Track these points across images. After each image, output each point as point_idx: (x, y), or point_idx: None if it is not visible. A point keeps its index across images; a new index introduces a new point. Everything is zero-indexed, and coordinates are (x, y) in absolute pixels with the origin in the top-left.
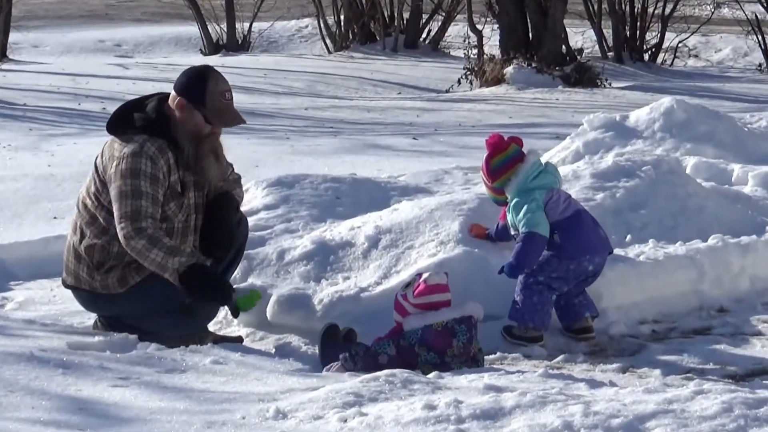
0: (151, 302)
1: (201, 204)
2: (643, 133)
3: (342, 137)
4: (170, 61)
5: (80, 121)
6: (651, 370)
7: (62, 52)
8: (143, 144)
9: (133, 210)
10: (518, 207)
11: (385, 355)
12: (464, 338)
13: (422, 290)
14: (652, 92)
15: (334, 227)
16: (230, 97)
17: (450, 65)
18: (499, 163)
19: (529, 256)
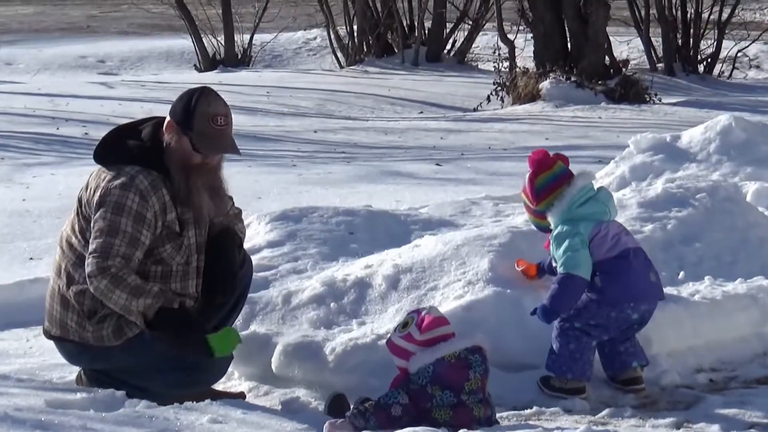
0: (150, 357)
1: (203, 243)
2: (697, 156)
3: (356, 164)
4: (160, 79)
5: (59, 148)
6: (709, 425)
7: (38, 70)
8: (134, 176)
9: (102, 247)
10: (560, 240)
11: (397, 405)
12: (480, 369)
13: (430, 323)
14: (707, 108)
15: (347, 266)
16: (224, 123)
17: (478, 80)
18: (544, 182)
19: (564, 301)
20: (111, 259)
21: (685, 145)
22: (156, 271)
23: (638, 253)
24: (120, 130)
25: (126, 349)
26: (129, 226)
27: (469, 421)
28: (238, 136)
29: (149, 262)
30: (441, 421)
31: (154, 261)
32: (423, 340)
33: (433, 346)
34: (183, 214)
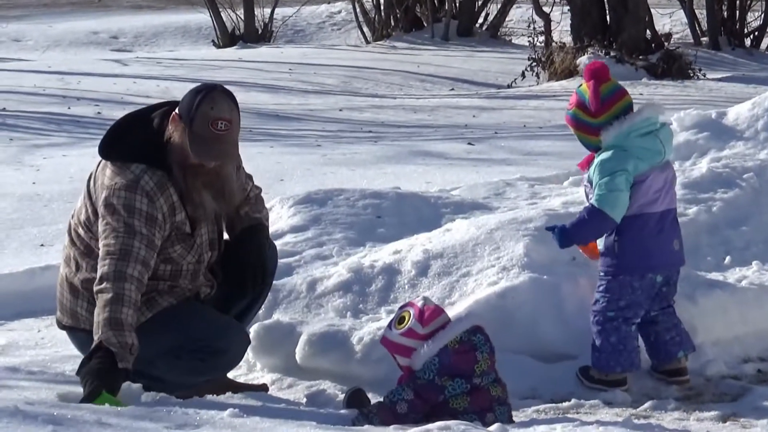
0: (164, 343)
1: (216, 239)
2: (744, 134)
3: (383, 143)
4: (177, 56)
5: (70, 128)
6: (757, 419)
7: (48, 47)
8: (140, 177)
9: (122, 249)
10: (605, 169)
11: (403, 402)
12: (486, 348)
13: (431, 314)
14: (754, 84)
15: (374, 252)
16: (224, 128)
17: (512, 55)
18: (610, 91)
19: (587, 234)
20: (131, 264)
21: (732, 122)
22: (165, 269)
23: (667, 216)
24: (128, 120)
25: (138, 337)
26: (144, 227)
27: (489, 402)
28: (260, 115)
29: (158, 260)
30: (461, 410)
31: (163, 260)
32: (427, 333)
33: (433, 337)
34: (192, 212)
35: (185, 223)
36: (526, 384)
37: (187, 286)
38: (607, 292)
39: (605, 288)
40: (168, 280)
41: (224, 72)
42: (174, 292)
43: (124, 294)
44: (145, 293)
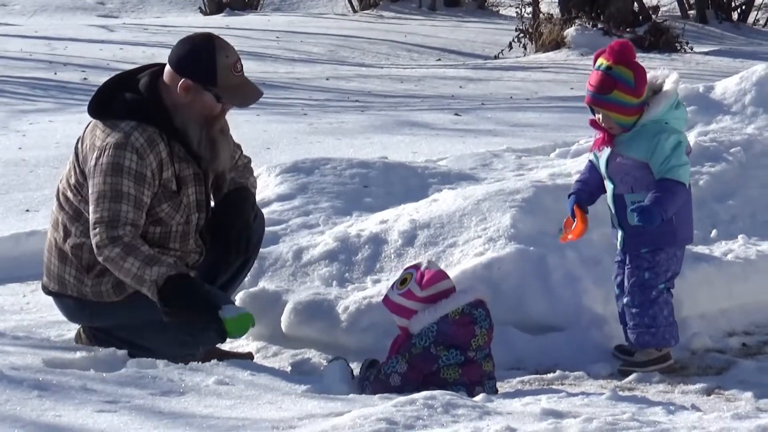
0: (152, 313)
1: (204, 201)
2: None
3: (370, 113)
4: (164, 22)
5: (57, 93)
6: (741, 392)
7: (35, 12)
8: (130, 133)
9: (111, 215)
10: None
11: (396, 375)
12: (486, 324)
13: (432, 278)
14: (741, 58)
15: (361, 221)
16: (242, 67)
17: (499, 26)
18: (642, 69)
19: (673, 208)
20: (121, 227)
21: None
22: (154, 232)
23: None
24: (115, 80)
25: (127, 306)
26: (131, 188)
27: (479, 377)
28: None
29: (147, 222)
30: (451, 381)
31: (152, 221)
32: (425, 296)
33: (435, 303)
34: (181, 171)
35: (171, 180)
36: (512, 355)
37: (176, 252)
38: (657, 265)
39: (655, 260)
40: (158, 244)
41: None
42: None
43: (130, 243)
44: None
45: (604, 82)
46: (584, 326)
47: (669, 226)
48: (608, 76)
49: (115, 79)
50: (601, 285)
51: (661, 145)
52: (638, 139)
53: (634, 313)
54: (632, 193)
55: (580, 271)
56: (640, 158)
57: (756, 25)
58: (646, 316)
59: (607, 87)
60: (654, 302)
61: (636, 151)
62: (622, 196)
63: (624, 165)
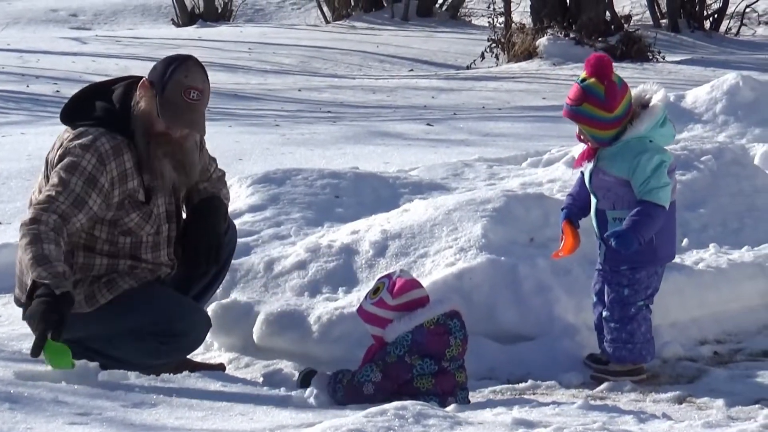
0: (125, 325)
1: (174, 212)
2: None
3: (342, 124)
4: (136, 34)
5: (29, 106)
6: (712, 400)
7: (7, 24)
8: (97, 138)
9: (44, 200)
10: (650, 164)
11: (369, 384)
12: (460, 335)
13: (403, 286)
14: (713, 67)
15: (332, 232)
16: (197, 98)
17: (472, 36)
18: (619, 83)
19: (650, 232)
20: (48, 213)
21: (690, 105)
22: (125, 242)
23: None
24: (91, 89)
25: (98, 316)
26: (78, 186)
27: (452, 387)
28: (218, 94)
29: (117, 233)
30: (423, 390)
31: (122, 232)
32: (396, 304)
33: (409, 312)
34: (151, 181)
35: (138, 190)
36: (483, 365)
37: (148, 265)
38: (637, 282)
39: (635, 278)
40: (128, 255)
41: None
42: (135, 274)
43: (40, 233)
44: (106, 274)
45: (576, 93)
46: (556, 335)
47: (649, 245)
48: (580, 88)
49: (89, 88)
50: (572, 294)
51: (642, 165)
52: (620, 156)
53: (612, 327)
54: (614, 210)
55: (552, 281)
56: (621, 176)
57: (728, 33)
58: (624, 332)
59: (577, 99)
60: (633, 319)
61: (618, 168)
62: (603, 211)
63: (606, 182)
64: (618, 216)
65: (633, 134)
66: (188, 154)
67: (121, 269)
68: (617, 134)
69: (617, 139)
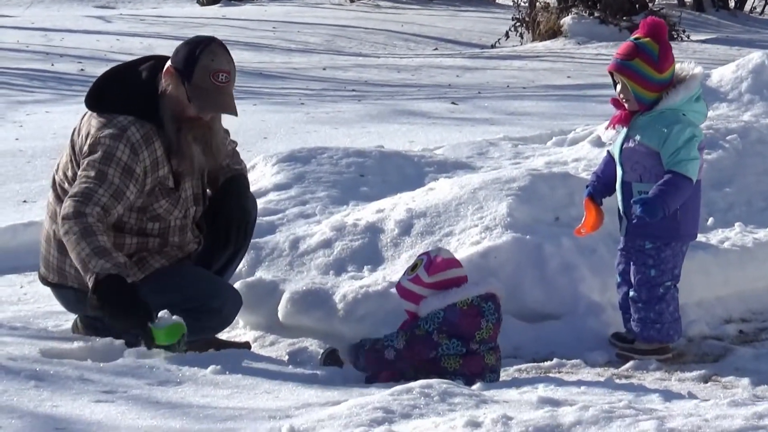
0: (157, 303)
1: (200, 194)
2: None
3: (367, 102)
4: (160, 13)
5: (54, 84)
6: (738, 378)
7: (32, 3)
8: (127, 127)
9: (85, 192)
10: (682, 136)
11: (391, 349)
12: (493, 318)
13: (440, 265)
14: (738, 46)
15: (357, 210)
16: (225, 80)
17: (496, 15)
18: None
19: (676, 203)
20: (91, 206)
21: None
22: (153, 227)
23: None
24: (114, 72)
25: None
26: (117, 177)
27: (480, 369)
28: (243, 73)
29: (145, 218)
30: (451, 370)
31: (150, 218)
32: (432, 282)
33: (444, 291)
34: (178, 166)
35: (168, 177)
36: (508, 343)
37: (176, 244)
38: (663, 262)
39: (660, 257)
40: (158, 237)
41: (207, 30)
42: (165, 253)
43: (91, 226)
44: (136, 252)
45: (629, 49)
46: (581, 314)
47: (672, 220)
48: (634, 44)
49: (113, 71)
50: (597, 273)
51: (674, 136)
52: (653, 125)
53: (639, 307)
54: (640, 182)
55: (577, 260)
56: (652, 146)
57: (753, 12)
58: (653, 312)
59: (629, 54)
60: (661, 299)
61: (649, 137)
62: (630, 183)
63: (636, 151)
64: (644, 189)
65: (667, 105)
66: (215, 135)
67: (150, 247)
68: (656, 100)
69: (652, 108)
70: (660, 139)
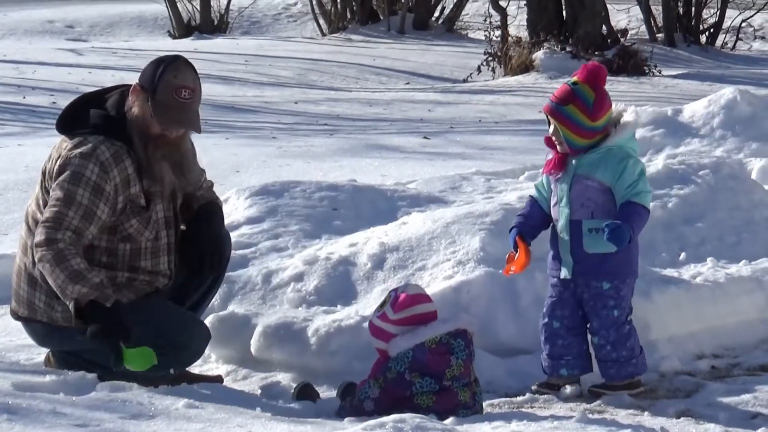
0: None
1: (172, 218)
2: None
3: (339, 136)
4: (132, 46)
5: (25, 117)
6: (710, 414)
7: (3, 35)
8: (96, 146)
9: (55, 217)
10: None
11: (369, 400)
12: (463, 355)
13: (404, 301)
14: (710, 81)
15: (330, 244)
16: (188, 96)
17: (468, 49)
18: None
19: (638, 231)
20: (62, 231)
21: (687, 120)
22: (125, 249)
23: None
24: (84, 98)
25: None
26: (85, 198)
27: (454, 406)
28: (215, 106)
29: (116, 239)
30: (424, 407)
31: (121, 238)
32: (398, 319)
33: (413, 329)
34: (150, 186)
35: (140, 196)
36: (481, 378)
37: (146, 275)
38: (623, 299)
39: (620, 296)
40: (127, 265)
41: None
42: (133, 287)
43: (62, 251)
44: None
45: (564, 93)
46: None
47: (627, 255)
48: (571, 89)
49: (83, 97)
50: None
51: (629, 169)
52: (604, 162)
53: (609, 350)
54: (591, 219)
55: None
56: (605, 181)
57: (724, 48)
58: (624, 350)
59: (565, 99)
60: (629, 335)
61: (602, 173)
62: (579, 222)
63: (589, 188)
64: (594, 226)
65: (615, 142)
66: (185, 154)
67: (119, 281)
68: (589, 145)
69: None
70: (614, 173)
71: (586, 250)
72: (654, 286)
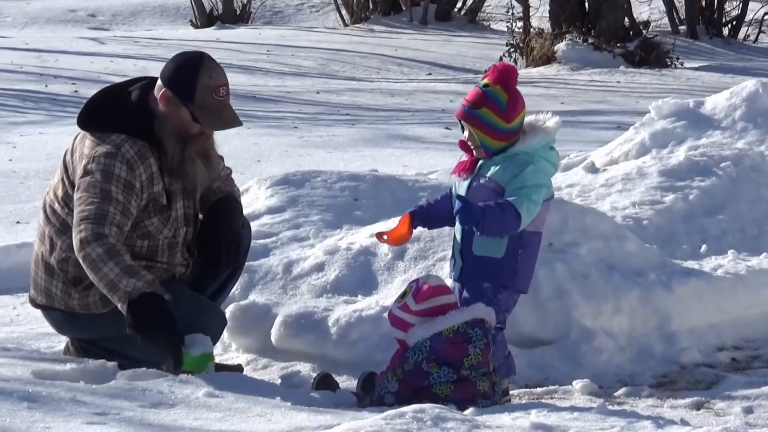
0: None
1: (191, 215)
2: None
3: (361, 126)
4: (154, 35)
5: (47, 106)
6: (730, 406)
7: (26, 24)
8: (120, 145)
9: (98, 212)
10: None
11: (389, 395)
12: (481, 344)
13: (427, 292)
14: (732, 74)
15: (351, 234)
16: (225, 93)
17: (490, 41)
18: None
19: (494, 228)
20: (107, 226)
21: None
22: (142, 246)
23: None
24: (106, 92)
25: (114, 317)
26: (120, 194)
27: (472, 395)
28: (236, 96)
29: (135, 236)
30: (442, 396)
31: (140, 235)
32: (419, 310)
33: (431, 319)
34: (171, 185)
35: (162, 194)
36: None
37: (163, 265)
38: (499, 304)
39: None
40: (144, 258)
41: None
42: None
43: (114, 246)
44: None
45: (476, 97)
46: (573, 340)
47: (514, 264)
48: (482, 92)
49: (105, 91)
50: (590, 299)
51: (525, 175)
52: (506, 164)
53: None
54: None
55: (570, 285)
56: (501, 182)
57: (746, 40)
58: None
59: (477, 102)
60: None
61: (501, 174)
62: None
63: (484, 188)
64: None
65: (524, 148)
66: (212, 147)
67: None
68: (503, 148)
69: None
70: (511, 175)
71: (474, 252)
72: (675, 278)
